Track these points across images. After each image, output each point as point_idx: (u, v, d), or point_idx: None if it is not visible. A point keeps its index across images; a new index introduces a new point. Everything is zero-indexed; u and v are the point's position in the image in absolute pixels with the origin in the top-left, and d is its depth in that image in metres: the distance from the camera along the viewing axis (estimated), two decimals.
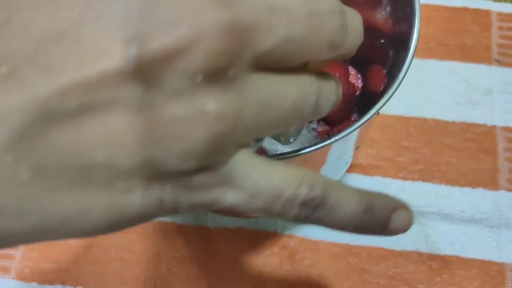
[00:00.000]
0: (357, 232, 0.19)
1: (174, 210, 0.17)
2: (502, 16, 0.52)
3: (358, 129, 0.28)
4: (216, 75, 0.15)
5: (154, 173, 0.15)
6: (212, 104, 0.15)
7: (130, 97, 0.14)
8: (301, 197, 0.17)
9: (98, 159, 0.14)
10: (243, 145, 0.17)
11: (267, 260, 0.43)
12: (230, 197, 0.17)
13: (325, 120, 0.40)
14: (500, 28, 0.52)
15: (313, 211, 0.18)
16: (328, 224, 0.18)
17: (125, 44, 0.14)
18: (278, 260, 0.43)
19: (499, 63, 0.50)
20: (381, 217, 0.19)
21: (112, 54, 0.14)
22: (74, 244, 0.43)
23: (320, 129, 0.39)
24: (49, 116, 0.14)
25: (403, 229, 0.19)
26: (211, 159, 0.16)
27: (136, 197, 0.16)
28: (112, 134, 0.14)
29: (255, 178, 0.17)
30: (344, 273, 0.42)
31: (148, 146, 0.15)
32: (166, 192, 0.16)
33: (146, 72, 0.14)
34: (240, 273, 0.42)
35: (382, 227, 0.19)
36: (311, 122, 0.40)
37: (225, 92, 0.15)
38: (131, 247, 0.43)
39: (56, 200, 0.15)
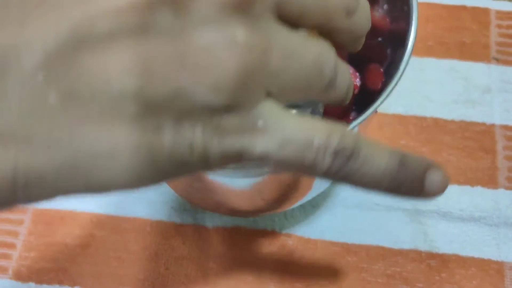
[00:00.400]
0: (392, 191, 0.18)
1: (205, 159, 0.16)
2: (501, 14, 0.52)
3: (356, 127, 0.28)
4: (245, 5, 0.15)
5: (184, 108, 0.15)
6: (241, 32, 0.15)
7: (160, 24, 0.14)
8: (333, 145, 0.16)
9: (129, 87, 0.14)
10: (270, 94, 0.17)
11: (266, 259, 0.42)
12: (260, 144, 0.16)
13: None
14: (499, 26, 0.52)
15: (346, 162, 0.17)
16: (362, 179, 0.17)
17: None
18: (276, 259, 0.42)
19: (498, 61, 0.50)
20: (417, 174, 0.18)
21: None
22: (71, 243, 0.43)
23: None
24: (81, 40, 0.14)
25: (440, 189, 0.18)
26: (241, 96, 0.16)
27: (167, 137, 0.15)
28: (144, 60, 0.14)
29: (285, 124, 0.16)
30: (342, 272, 0.42)
31: (179, 74, 0.15)
32: (196, 135, 0.15)
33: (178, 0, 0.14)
34: (238, 272, 0.42)
35: (418, 186, 0.18)
36: None
37: (253, 25, 0.15)
38: (129, 247, 0.43)
39: (85, 132, 0.14)
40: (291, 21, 0.17)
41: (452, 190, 0.45)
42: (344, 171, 0.17)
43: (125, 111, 0.14)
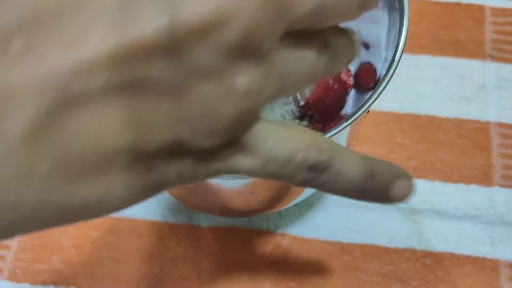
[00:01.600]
0: (358, 198, 0.19)
1: (191, 179, 0.16)
2: (496, 11, 0.52)
3: (348, 127, 0.28)
4: (251, 49, 0.14)
5: (176, 151, 0.15)
6: (242, 80, 0.14)
7: (159, 75, 0.13)
8: (310, 161, 0.17)
9: (123, 144, 0.13)
10: (261, 112, 0.17)
11: (261, 259, 0.42)
12: (246, 163, 0.17)
13: (316, 119, 0.40)
14: (494, 23, 0.51)
15: (319, 174, 0.18)
16: (331, 188, 0.18)
17: (156, 14, 0.12)
18: (271, 258, 0.42)
19: (493, 58, 0.50)
20: (382, 184, 0.19)
21: (141, 26, 0.12)
22: (66, 244, 0.43)
23: (311, 127, 0.39)
24: (71, 98, 0.12)
25: (403, 197, 0.19)
26: (235, 134, 0.16)
27: (157, 174, 0.15)
28: (138, 117, 0.13)
29: (270, 144, 0.17)
30: (337, 271, 0.42)
31: (175, 126, 0.14)
32: (185, 167, 0.16)
33: (178, 48, 0.13)
34: (233, 272, 0.42)
35: (382, 194, 0.19)
36: (302, 120, 0.40)
37: (255, 67, 0.14)
38: (124, 247, 0.43)
39: (76, 190, 0.14)
40: (299, 29, 0.16)
41: (447, 188, 0.45)
42: (316, 181, 0.18)
43: (118, 163, 0.14)
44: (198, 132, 0.15)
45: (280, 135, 0.17)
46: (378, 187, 0.19)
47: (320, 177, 0.18)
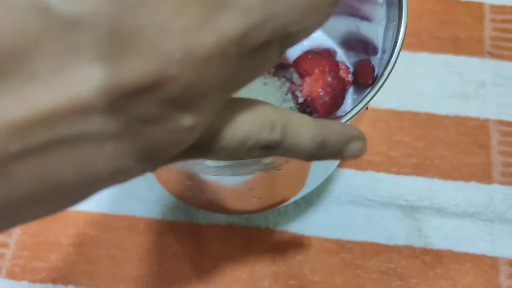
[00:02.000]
0: (311, 160, 0.21)
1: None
2: (495, 9, 0.52)
3: (347, 123, 0.28)
4: (193, 98, 0.14)
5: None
6: (188, 120, 0.14)
7: (99, 129, 0.13)
8: (262, 142, 0.18)
9: (69, 180, 0.14)
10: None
11: (259, 256, 0.42)
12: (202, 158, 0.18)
13: (315, 115, 0.40)
14: (493, 20, 0.51)
15: (272, 151, 0.19)
16: (285, 155, 0.20)
17: (96, 72, 0.12)
18: (270, 256, 0.42)
19: (492, 55, 0.50)
20: (334, 150, 0.20)
21: (75, 87, 0.12)
22: (64, 242, 0.43)
23: None
24: (8, 157, 0.12)
25: (354, 158, 0.21)
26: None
27: None
28: (84, 161, 0.13)
29: (223, 138, 0.17)
30: (337, 269, 0.42)
31: (119, 158, 0.14)
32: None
33: (118, 105, 0.13)
34: (232, 269, 0.42)
35: (334, 157, 0.20)
36: None
37: (200, 107, 0.15)
38: (122, 245, 0.43)
39: (18, 216, 0.14)
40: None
41: (446, 185, 0.45)
42: (270, 155, 0.19)
43: (65, 197, 0.15)
44: (144, 160, 0.15)
45: (233, 123, 0.17)
46: (330, 153, 0.20)
47: (273, 152, 0.19)
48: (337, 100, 0.38)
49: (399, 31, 0.31)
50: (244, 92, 0.17)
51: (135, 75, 0.12)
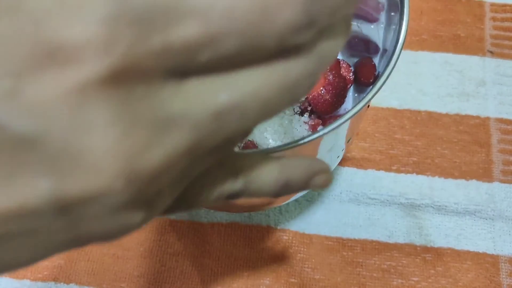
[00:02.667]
0: (277, 198, 0.21)
1: None
2: (496, 7, 0.52)
3: (348, 121, 0.28)
4: (142, 202, 0.14)
5: None
6: (135, 218, 0.15)
7: (48, 225, 0.14)
8: (225, 193, 0.19)
9: (23, 261, 0.14)
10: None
11: (261, 254, 0.42)
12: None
13: (316, 113, 0.40)
14: (494, 19, 0.51)
15: (236, 197, 0.19)
16: (250, 198, 0.20)
17: (43, 185, 0.13)
18: (271, 254, 0.42)
19: (493, 54, 0.50)
20: (298, 188, 0.20)
21: (28, 193, 0.13)
22: None
23: (312, 122, 0.39)
24: None
25: (319, 189, 0.21)
26: None
27: None
28: (35, 246, 0.14)
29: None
30: (338, 267, 0.42)
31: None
32: None
33: (63, 211, 0.13)
34: (234, 268, 0.42)
35: (300, 191, 0.21)
36: (302, 115, 0.40)
37: (146, 208, 0.15)
38: (124, 243, 0.43)
39: None
40: None
41: (447, 183, 0.45)
42: (235, 199, 0.19)
43: None
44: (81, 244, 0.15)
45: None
46: (295, 189, 0.20)
47: (239, 198, 0.19)
48: (338, 98, 0.38)
49: (400, 30, 0.31)
50: None
51: (79, 191, 0.13)
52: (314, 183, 0.21)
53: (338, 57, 0.42)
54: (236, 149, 0.38)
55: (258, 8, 0.13)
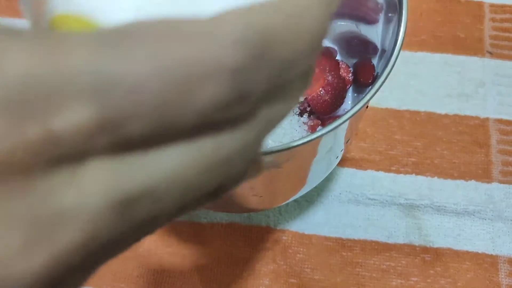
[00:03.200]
0: None
1: None
2: (495, 8, 0.52)
3: (347, 122, 0.28)
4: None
5: None
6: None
7: None
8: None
9: None
10: None
11: (260, 255, 0.43)
12: None
13: (316, 114, 0.40)
14: (493, 19, 0.51)
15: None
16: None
17: None
18: (271, 254, 0.42)
19: (492, 55, 0.50)
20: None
21: None
22: None
23: (311, 123, 0.39)
24: None
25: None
26: None
27: None
28: None
29: None
30: (337, 267, 0.42)
31: None
32: None
33: None
34: (233, 268, 0.42)
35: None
36: (301, 115, 0.40)
37: None
38: None
39: None
40: None
41: (446, 184, 0.45)
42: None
43: None
44: None
45: None
46: None
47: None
48: (338, 99, 0.38)
49: (399, 31, 0.31)
50: None
51: None
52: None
53: (337, 58, 0.42)
54: None
55: (172, 87, 0.11)
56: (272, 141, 0.38)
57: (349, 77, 0.40)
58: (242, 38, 0.11)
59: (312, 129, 0.39)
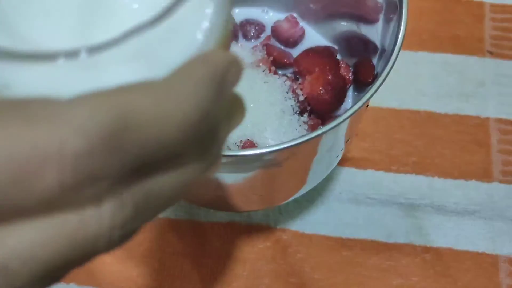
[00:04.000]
0: None
1: None
2: (495, 7, 0.52)
3: (347, 121, 0.28)
4: None
5: None
6: None
7: None
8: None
9: None
10: None
11: (260, 254, 0.42)
12: None
13: (316, 113, 0.40)
14: (493, 19, 0.51)
15: None
16: None
17: None
18: (271, 254, 0.42)
19: (492, 54, 0.50)
20: None
21: None
22: None
23: (311, 122, 0.39)
24: None
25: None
26: None
27: None
28: None
29: None
30: (337, 267, 0.42)
31: None
32: None
33: None
34: (233, 267, 0.42)
35: None
36: (302, 114, 0.40)
37: None
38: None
39: None
40: None
41: (447, 183, 0.45)
42: None
43: None
44: None
45: None
46: None
47: None
48: (338, 98, 0.38)
49: (399, 30, 0.31)
50: (245, 91, 0.17)
51: None
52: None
53: (337, 57, 0.42)
54: (236, 148, 0.38)
55: (5, 175, 0.11)
56: (272, 140, 0.38)
57: (349, 76, 0.40)
58: (90, 122, 0.11)
59: (312, 128, 0.39)
